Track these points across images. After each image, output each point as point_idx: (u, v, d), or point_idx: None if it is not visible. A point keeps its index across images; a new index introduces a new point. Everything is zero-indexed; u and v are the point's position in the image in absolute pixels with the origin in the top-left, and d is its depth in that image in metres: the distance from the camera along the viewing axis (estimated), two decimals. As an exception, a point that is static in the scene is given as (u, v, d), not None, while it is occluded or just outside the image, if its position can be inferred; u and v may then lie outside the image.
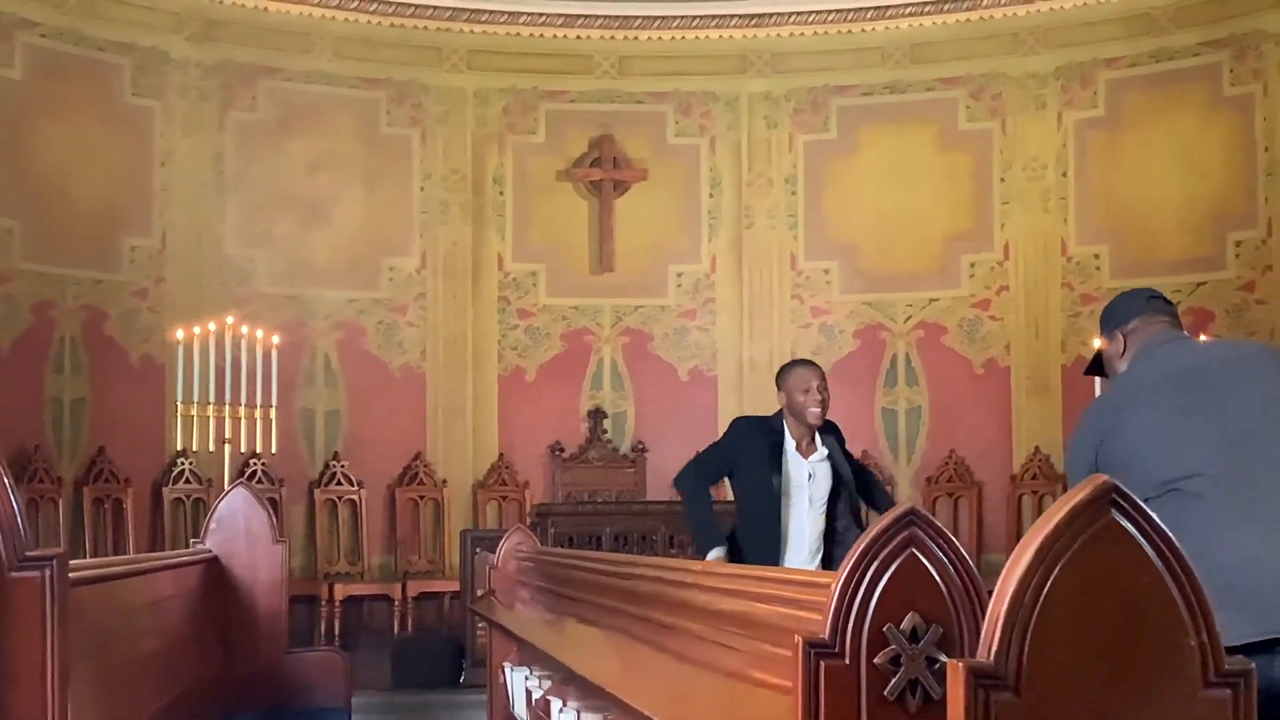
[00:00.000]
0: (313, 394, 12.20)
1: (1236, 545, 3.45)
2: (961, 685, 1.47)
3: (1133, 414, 3.75)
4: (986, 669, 1.48)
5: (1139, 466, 3.63)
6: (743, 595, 2.72)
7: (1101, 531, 1.50)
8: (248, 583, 5.84)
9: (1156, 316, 4.03)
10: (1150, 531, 1.51)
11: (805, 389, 6.52)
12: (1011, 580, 1.49)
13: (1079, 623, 1.49)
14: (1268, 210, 11.45)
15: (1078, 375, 11.65)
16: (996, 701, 1.47)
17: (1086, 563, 1.49)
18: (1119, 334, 4.04)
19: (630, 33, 12.74)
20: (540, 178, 12.80)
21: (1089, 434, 3.83)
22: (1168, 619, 1.51)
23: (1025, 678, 1.47)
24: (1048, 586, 1.48)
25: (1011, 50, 12.34)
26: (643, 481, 12.55)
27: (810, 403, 6.49)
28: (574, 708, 3.91)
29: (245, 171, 12.07)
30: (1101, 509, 1.50)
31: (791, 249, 12.79)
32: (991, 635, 1.49)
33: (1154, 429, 3.69)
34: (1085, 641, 1.49)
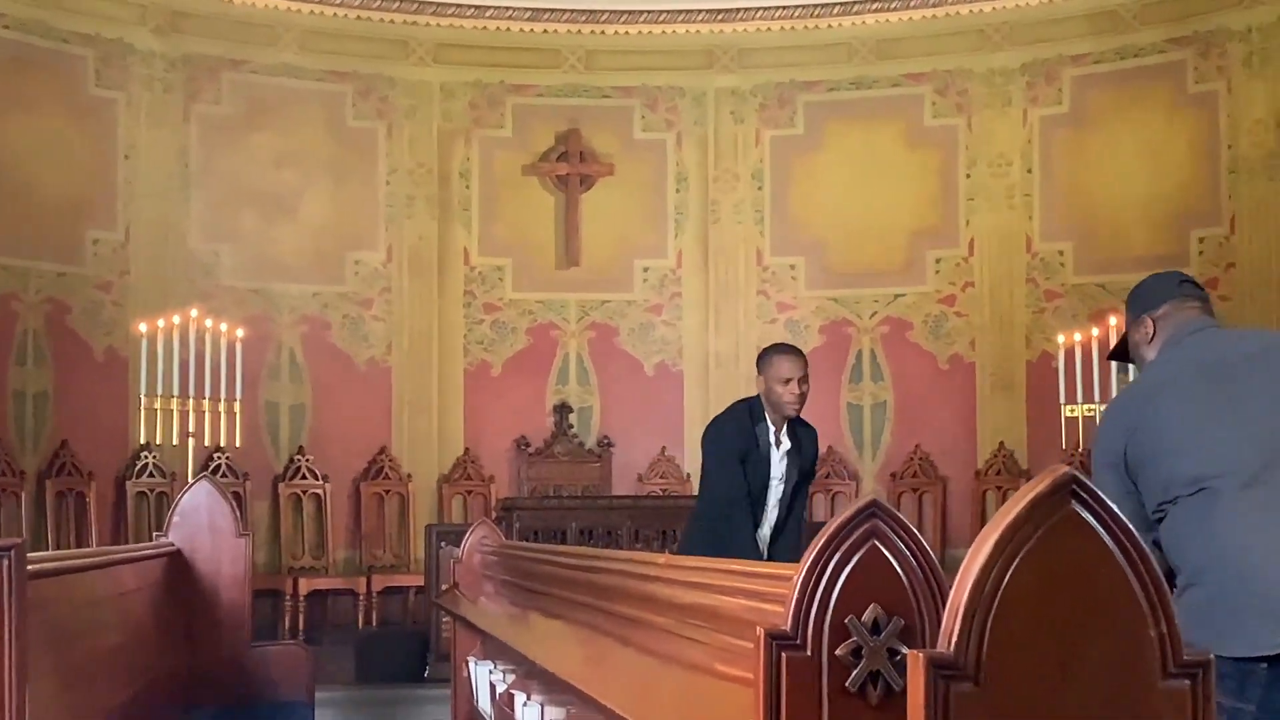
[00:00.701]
0: (277, 388, 12.16)
1: (1265, 548, 3.36)
2: (921, 676, 1.47)
3: (1162, 407, 3.60)
4: (946, 660, 1.48)
5: (1169, 462, 3.52)
6: (707, 588, 2.72)
7: (1062, 523, 1.50)
8: (211, 576, 5.82)
9: (1188, 302, 3.84)
10: (1110, 523, 1.51)
11: (785, 380, 6.30)
12: (972, 571, 1.49)
13: (1039, 614, 1.50)
14: (1231, 207, 11.51)
15: (1042, 371, 11.78)
16: (956, 692, 1.47)
17: (1047, 554, 1.50)
18: (1148, 319, 3.85)
19: (597, 27, 12.74)
20: (507, 172, 12.78)
21: (1117, 427, 3.69)
22: (1127, 610, 1.51)
23: (985, 668, 1.48)
24: (1008, 577, 1.49)
25: (977, 47, 12.38)
26: (608, 476, 12.56)
27: (788, 396, 6.29)
28: (538, 701, 3.90)
29: (210, 165, 12.03)
30: (1062, 500, 1.51)
31: (757, 244, 12.80)
32: (951, 626, 1.49)
33: (1183, 424, 3.55)
34: (1045, 632, 1.50)
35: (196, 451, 10.81)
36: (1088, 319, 11.45)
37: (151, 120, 11.82)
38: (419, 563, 11.26)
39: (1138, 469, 3.58)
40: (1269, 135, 11.32)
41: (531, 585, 5.03)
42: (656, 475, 12.58)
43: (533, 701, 3.95)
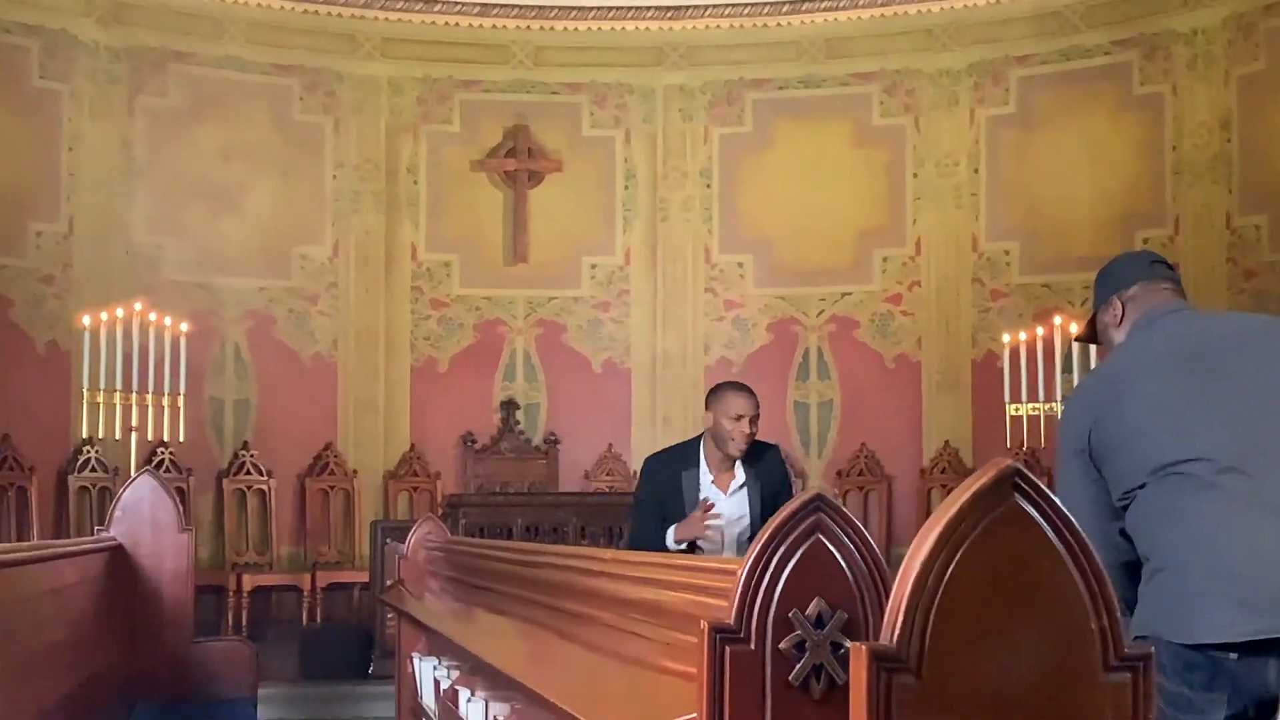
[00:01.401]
0: (222, 383, 12.09)
1: (1240, 535, 3.26)
2: (863, 668, 1.47)
3: (1131, 391, 3.47)
4: (888, 652, 1.48)
5: (1137, 448, 3.40)
6: (652, 583, 2.72)
7: (1004, 515, 1.50)
8: (153, 572, 5.79)
9: (1159, 283, 3.71)
10: (1053, 515, 1.52)
11: (735, 417, 5.98)
12: (915, 564, 1.49)
13: (981, 606, 1.50)
14: (1175, 209, 11.60)
15: (988, 371, 11.84)
16: (898, 684, 1.47)
17: (989, 546, 1.50)
18: (1117, 300, 3.73)
19: (546, 23, 12.72)
20: (454, 168, 12.75)
21: (1082, 411, 3.56)
22: (1069, 602, 1.52)
23: (927, 661, 1.48)
24: (951, 570, 1.49)
25: (925, 47, 12.43)
26: (555, 473, 12.55)
27: (736, 433, 5.97)
28: (482, 697, 3.89)
29: (155, 158, 11.94)
30: (1005, 493, 1.51)
31: (706, 242, 12.82)
32: (894, 618, 1.49)
33: (1155, 408, 3.42)
34: (987, 624, 1.50)
35: (140, 446, 10.71)
36: (1033, 318, 11.51)
37: (96, 112, 11.73)
38: (364, 559, 11.21)
39: (1104, 455, 3.47)
40: (1213, 137, 11.41)
41: (476, 581, 5.01)
42: (603, 472, 12.58)
43: (477, 697, 3.94)
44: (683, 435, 12.47)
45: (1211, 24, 11.42)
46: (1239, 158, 11.30)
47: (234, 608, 11.23)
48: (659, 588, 2.64)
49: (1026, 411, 10.95)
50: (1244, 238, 11.17)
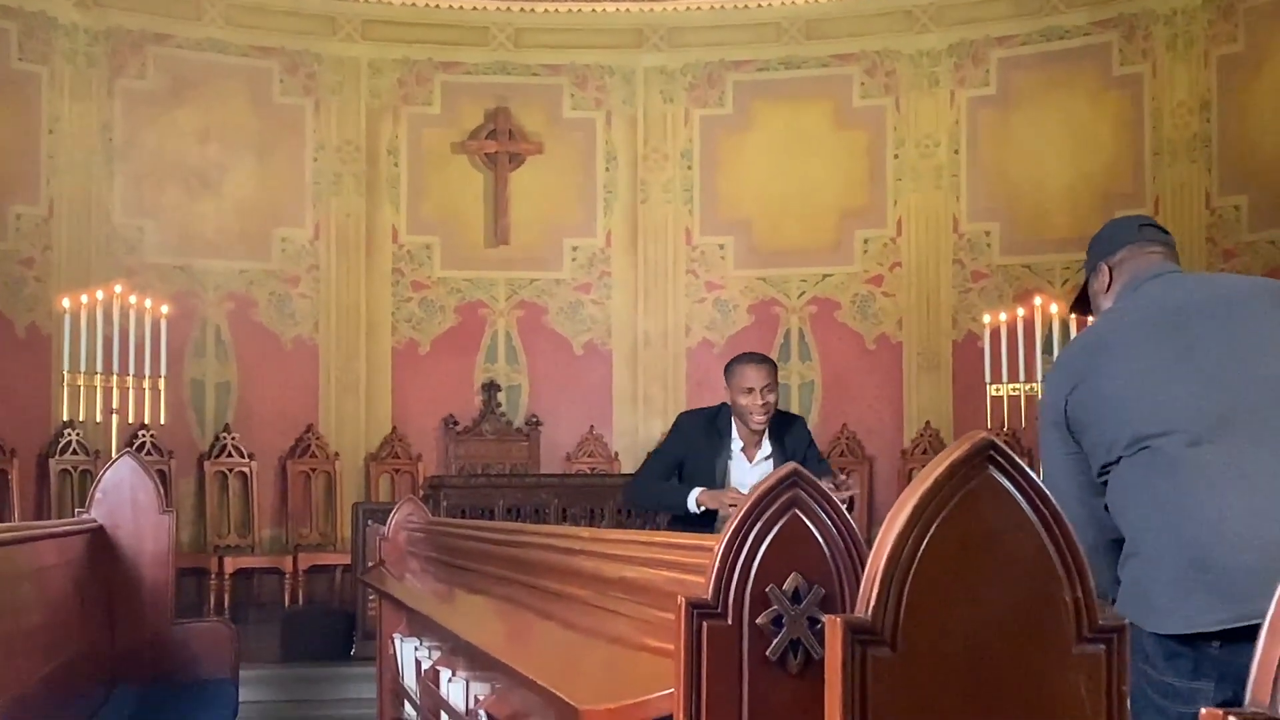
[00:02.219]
0: (203, 365, 12.07)
1: (1209, 517, 3.06)
2: (838, 641, 1.48)
3: (1107, 359, 3.30)
4: (863, 625, 1.48)
5: (1112, 418, 3.23)
6: (630, 561, 2.73)
7: (978, 488, 1.51)
8: (134, 553, 5.79)
9: (1148, 246, 3.52)
10: (1027, 487, 1.52)
11: (747, 390, 5.88)
12: (889, 537, 1.50)
13: (956, 578, 1.50)
14: (1155, 189, 11.63)
15: (968, 351, 11.86)
16: (873, 657, 1.48)
17: (963, 519, 1.50)
18: (1104, 266, 3.55)
19: (526, 5, 12.69)
20: (435, 150, 12.73)
21: (1060, 382, 3.38)
22: (1043, 574, 1.52)
23: (902, 633, 1.48)
24: (925, 543, 1.49)
25: (905, 28, 12.42)
26: (536, 455, 12.55)
27: (752, 407, 5.87)
28: (463, 677, 3.89)
29: (134, 140, 11.90)
30: (979, 465, 1.51)
31: (687, 224, 12.81)
32: (869, 592, 1.50)
33: (1129, 377, 3.24)
34: (961, 597, 1.50)
35: (120, 429, 10.70)
36: (1013, 299, 11.53)
37: (75, 94, 11.68)
38: (346, 541, 11.21)
39: (1081, 427, 3.31)
40: (1192, 118, 11.43)
41: (457, 561, 5.02)
42: (584, 454, 12.58)
43: (458, 677, 3.94)
44: (663, 417, 12.60)
45: (1191, 4, 11.44)
46: (1218, 138, 11.32)
47: (216, 590, 11.22)
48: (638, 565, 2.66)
49: (1007, 392, 10.97)
50: (1223, 218, 11.21)
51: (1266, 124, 10.98)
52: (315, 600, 11.56)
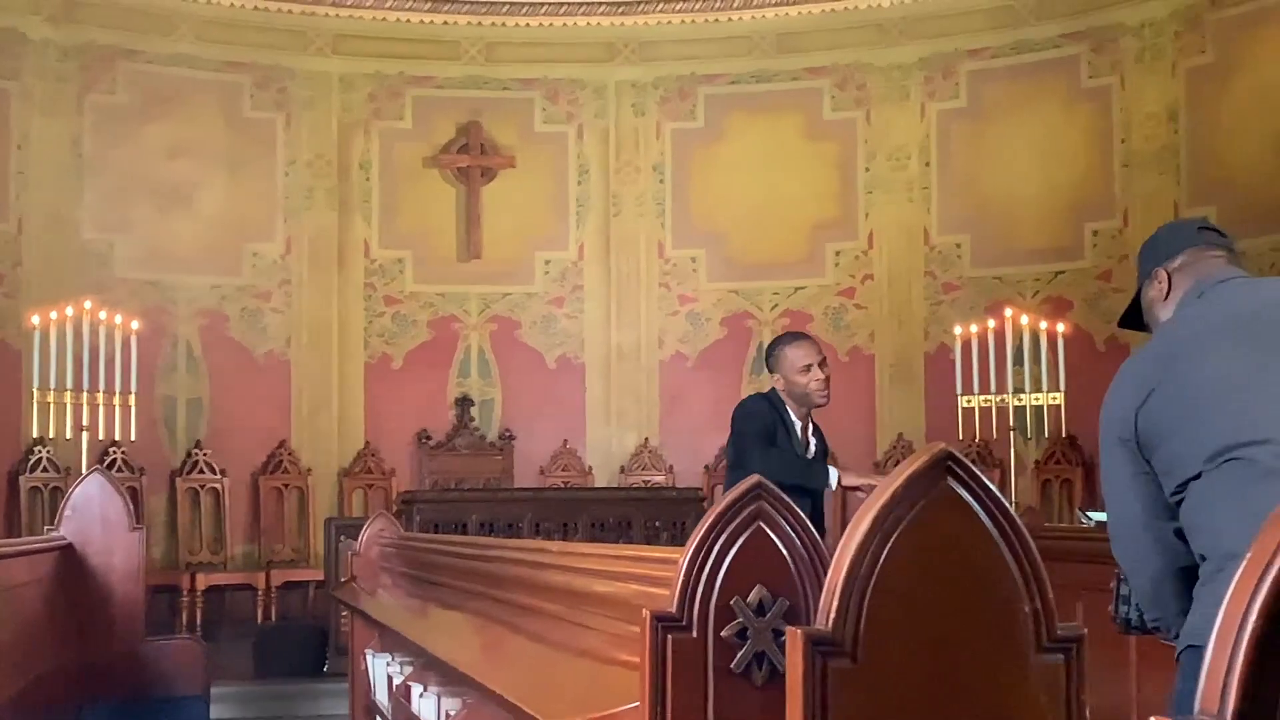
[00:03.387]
0: (174, 381, 12.03)
1: None
2: (799, 653, 1.48)
3: (1183, 369, 3.00)
4: (824, 636, 1.49)
5: (1190, 432, 2.94)
6: (599, 574, 2.73)
7: (938, 499, 1.51)
8: (104, 570, 5.76)
9: (1209, 250, 3.25)
10: (985, 499, 1.53)
11: (804, 368, 5.80)
12: (849, 548, 1.51)
13: (916, 589, 1.51)
14: (1124, 200, 11.68)
15: (940, 363, 11.89)
16: (834, 668, 1.48)
17: (923, 530, 1.51)
18: (1162, 272, 3.27)
19: (498, 19, 12.70)
20: (407, 164, 12.72)
21: (1128, 395, 3.07)
22: (1002, 585, 1.53)
23: (862, 645, 1.49)
24: (885, 554, 1.50)
25: (876, 41, 12.46)
26: (510, 469, 12.54)
27: (813, 384, 5.79)
28: (434, 692, 3.89)
29: (105, 155, 11.87)
30: (938, 477, 1.52)
31: (659, 237, 12.83)
32: (829, 603, 1.50)
33: (1210, 386, 2.96)
34: (921, 608, 1.51)
35: (91, 445, 10.66)
36: (984, 311, 11.57)
37: (45, 110, 11.65)
38: (319, 557, 11.18)
39: (1153, 443, 3.02)
40: (1161, 129, 11.49)
41: (428, 576, 5.02)
42: (558, 468, 12.57)
43: (429, 693, 3.94)
44: (637, 429, 12.61)
45: (1159, 17, 11.50)
46: (1187, 149, 11.38)
47: (188, 607, 11.18)
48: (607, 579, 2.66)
49: (979, 403, 11.02)
50: (1174, 220, 11.27)
51: (1235, 135, 11.04)
52: (288, 617, 11.52)
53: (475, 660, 3.56)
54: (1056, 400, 10.88)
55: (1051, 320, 11.04)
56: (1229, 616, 1.01)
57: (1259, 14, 10.91)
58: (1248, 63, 11.01)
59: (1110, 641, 4.77)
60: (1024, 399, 10.97)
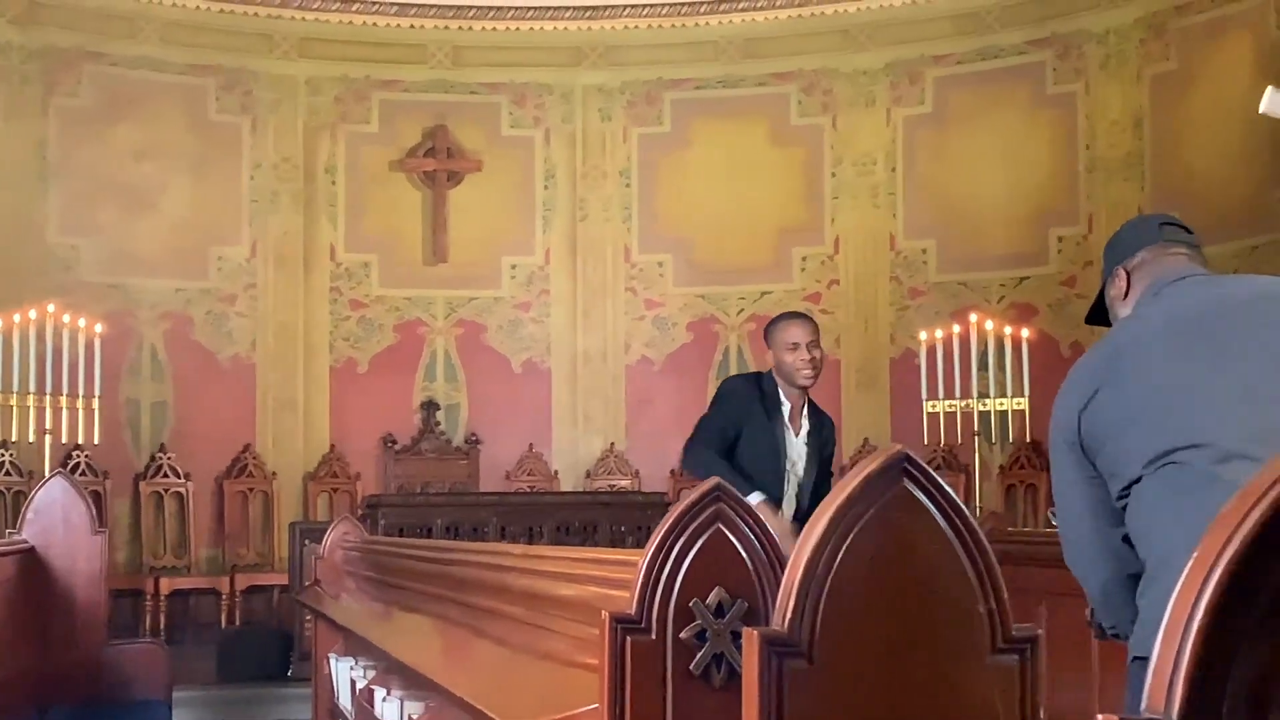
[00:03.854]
0: (138, 384, 11.98)
1: None
2: (755, 653, 1.48)
3: (1128, 367, 2.95)
4: (780, 637, 1.49)
5: (1133, 432, 2.88)
6: (560, 577, 2.73)
7: (894, 500, 1.52)
8: (66, 574, 5.73)
9: (1171, 248, 3.18)
10: (941, 500, 1.53)
11: (793, 346, 5.75)
12: (806, 549, 1.51)
13: (871, 590, 1.52)
14: (1089, 207, 11.74)
15: (905, 368, 11.92)
16: (790, 669, 1.49)
17: (879, 531, 1.51)
18: (1122, 271, 3.21)
19: (464, 23, 12.69)
20: (373, 167, 12.70)
21: (1073, 394, 3.01)
22: (958, 586, 1.54)
23: (818, 645, 1.49)
24: (841, 555, 1.50)
25: (842, 47, 12.49)
26: (476, 473, 12.53)
27: (799, 363, 5.74)
28: (397, 696, 3.89)
29: (69, 158, 11.82)
30: (894, 478, 1.53)
31: (625, 241, 12.83)
32: (785, 604, 1.50)
33: (1152, 387, 2.89)
34: (877, 609, 1.52)
35: (54, 449, 10.61)
36: (949, 316, 11.61)
37: (9, 112, 11.60)
38: (283, 561, 11.14)
39: (1097, 445, 2.96)
40: (1125, 136, 11.55)
41: (391, 580, 5.01)
42: (524, 472, 12.56)
43: (392, 697, 3.94)
44: (604, 434, 12.60)
45: (1123, 24, 11.56)
46: (1151, 155, 11.45)
47: (151, 611, 11.14)
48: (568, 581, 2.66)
49: (944, 408, 11.06)
50: (1135, 216, 11.32)
51: (1198, 142, 11.10)
52: (253, 621, 11.49)
53: (437, 664, 3.56)
54: (1021, 405, 10.93)
55: (1016, 326, 11.09)
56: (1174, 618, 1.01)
57: (1222, 22, 10.98)
58: (1211, 70, 11.07)
59: (1072, 644, 4.79)
60: (989, 404, 11.02)
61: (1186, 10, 11.19)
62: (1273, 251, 10.27)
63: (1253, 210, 10.47)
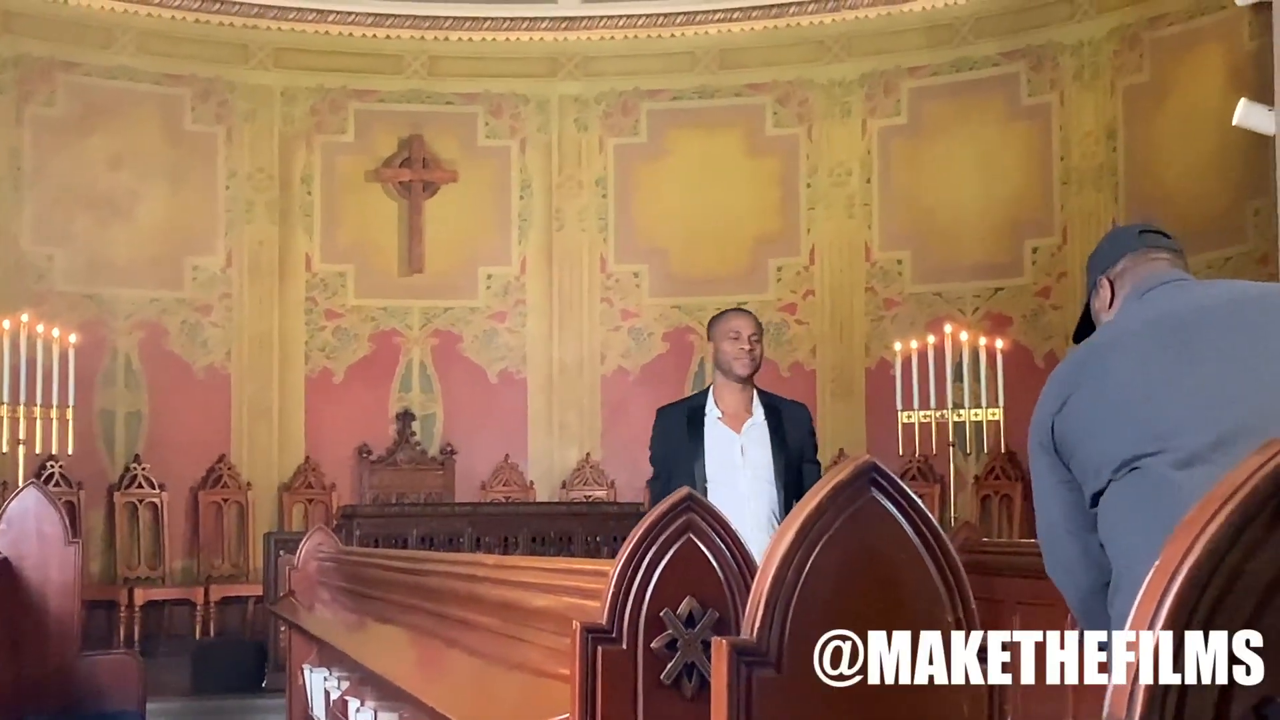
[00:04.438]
0: (113, 395, 11.94)
1: None
2: (724, 662, 1.49)
3: (1101, 370, 2.92)
4: (749, 646, 1.50)
5: (1102, 437, 2.85)
6: (532, 587, 2.73)
7: (862, 510, 1.53)
8: (39, 585, 5.71)
9: (1152, 253, 3.15)
10: (909, 509, 1.54)
11: (733, 335, 5.77)
12: (774, 559, 1.52)
13: (839, 599, 1.52)
14: (1063, 218, 11.77)
15: (881, 378, 11.94)
16: (758, 678, 1.49)
17: (847, 541, 1.52)
18: (1105, 280, 3.18)
19: (440, 33, 12.69)
20: (349, 178, 12.68)
21: (1047, 398, 3.00)
22: (925, 595, 1.54)
23: (786, 654, 1.50)
24: (809, 565, 1.51)
25: (817, 58, 12.52)
26: (451, 484, 12.50)
27: (736, 353, 5.72)
28: (371, 707, 3.88)
29: (43, 167, 11.78)
30: (862, 488, 1.53)
31: (601, 251, 12.83)
32: (754, 614, 1.51)
33: (1124, 390, 2.87)
34: (845, 618, 1.52)
35: (28, 460, 10.57)
36: (925, 326, 11.63)
37: (-18, 122, 11.57)
38: (258, 572, 11.12)
39: (1069, 449, 2.94)
40: (1099, 147, 11.59)
41: (365, 591, 5.00)
42: (500, 483, 12.55)
43: (366, 707, 3.93)
44: (579, 444, 12.60)
45: (1097, 35, 11.60)
46: (1124, 167, 11.49)
47: (126, 622, 11.10)
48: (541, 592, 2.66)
49: (919, 418, 11.08)
50: (1118, 226, 11.37)
51: (1171, 153, 11.14)
52: (227, 632, 11.45)
53: (411, 674, 3.55)
54: (996, 416, 10.95)
55: (991, 336, 11.12)
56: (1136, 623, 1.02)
57: (1195, 33, 11.02)
58: (1184, 82, 11.11)
59: (1045, 654, 4.79)
60: (963, 414, 11.03)
61: (1159, 22, 11.24)
62: (1246, 262, 10.31)
63: (1226, 221, 10.51)
